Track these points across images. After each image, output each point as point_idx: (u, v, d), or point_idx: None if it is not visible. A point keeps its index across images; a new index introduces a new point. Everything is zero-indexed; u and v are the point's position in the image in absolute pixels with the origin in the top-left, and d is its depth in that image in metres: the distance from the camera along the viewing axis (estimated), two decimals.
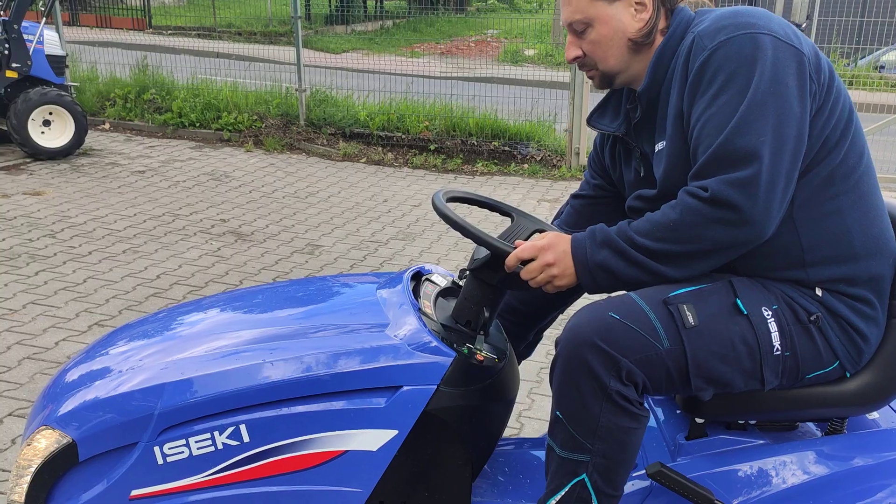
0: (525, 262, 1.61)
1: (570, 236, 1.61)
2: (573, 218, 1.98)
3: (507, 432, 2.94)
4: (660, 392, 1.57)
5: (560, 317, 2.12)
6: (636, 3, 1.62)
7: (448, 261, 4.90)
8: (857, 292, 1.58)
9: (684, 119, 1.56)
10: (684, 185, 1.56)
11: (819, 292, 1.58)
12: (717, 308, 1.53)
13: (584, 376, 1.49)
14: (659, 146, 1.66)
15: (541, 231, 1.82)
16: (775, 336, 1.53)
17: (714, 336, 1.51)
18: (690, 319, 1.50)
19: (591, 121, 1.83)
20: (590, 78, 1.74)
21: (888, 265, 1.60)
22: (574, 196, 2.01)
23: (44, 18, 7.29)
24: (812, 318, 1.55)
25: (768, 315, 1.54)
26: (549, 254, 1.58)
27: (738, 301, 1.53)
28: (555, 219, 2.09)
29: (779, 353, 1.54)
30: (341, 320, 1.75)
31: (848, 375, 1.62)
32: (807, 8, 6.81)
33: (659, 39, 1.65)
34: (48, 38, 7.08)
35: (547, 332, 2.15)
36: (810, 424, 1.80)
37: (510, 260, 1.61)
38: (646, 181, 1.73)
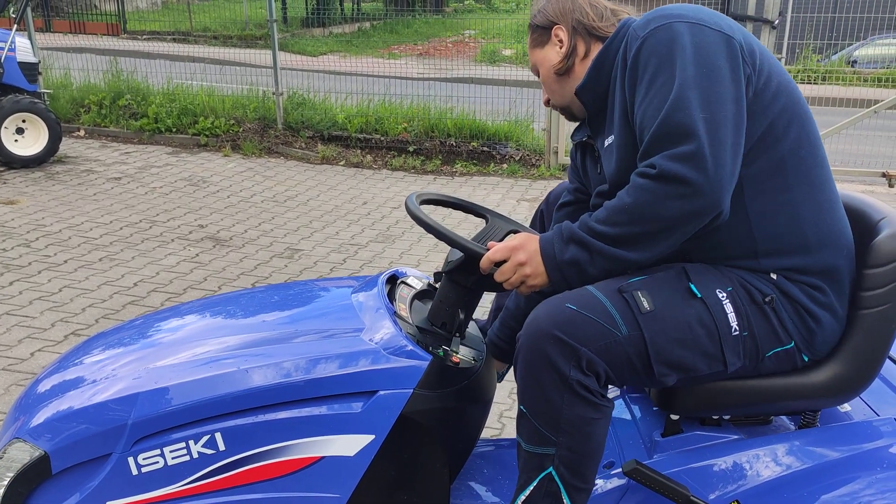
0: (499, 264, 1.62)
1: (539, 235, 1.62)
2: None
3: (488, 433, 2.94)
4: (623, 382, 1.57)
5: None
6: (558, 41, 1.80)
7: (428, 262, 4.89)
8: (810, 280, 1.61)
9: (629, 110, 1.60)
10: (632, 168, 1.59)
11: (773, 276, 1.61)
12: (672, 293, 1.55)
13: (544, 368, 1.50)
14: (608, 141, 1.71)
15: (515, 232, 1.83)
16: (732, 317, 1.55)
17: (671, 320, 1.52)
18: (646, 305, 1.51)
19: (572, 136, 1.95)
20: (561, 114, 1.93)
21: (842, 256, 1.63)
22: (558, 208, 2.05)
23: (15, 25, 7.19)
24: (767, 300, 1.58)
25: (723, 297, 1.56)
26: (520, 254, 1.59)
27: (692, 285, 1.55)
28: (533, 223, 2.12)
29: (737, 333, 1.56)
30: (316, 325, 1.75)
31: (805, 359, 1.64)
32: (779, 5, 6.89)
33: (586, 63, 1.78)
34: (20, 46, 6.99)
35: None
36: (784, 418, 1.82)
37: (484, 262, 1.61)
38: (603, 177, 1.78)
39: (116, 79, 8.75)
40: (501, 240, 1.77)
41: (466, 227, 5.37)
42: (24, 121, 6.76)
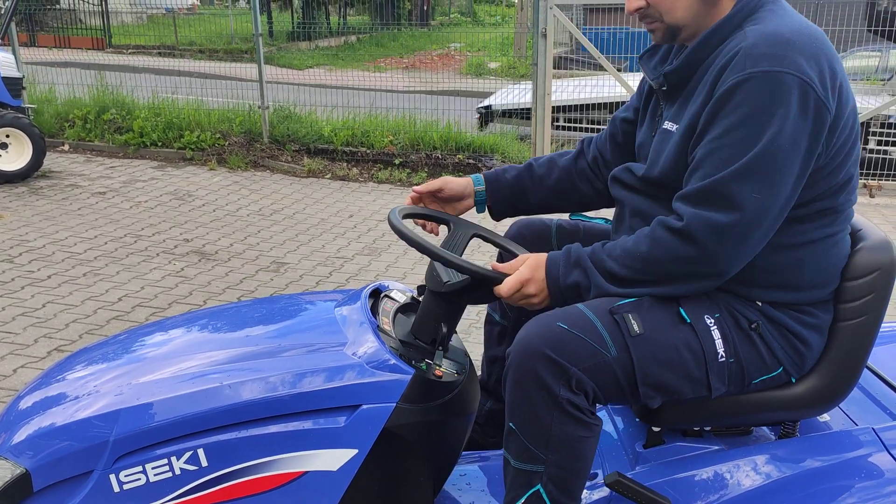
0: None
1: (543, 269, 1.61)
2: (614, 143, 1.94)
3: None
4: (609, 400, 1.58)
5: None
6: None
7: (414, 275, 4.90)
8: (798, 307, 1.62)
9: (698, 126, 1.54)
10: (670, 176, 1.59)
11: (759, 303, 1.61)
12: (661, 317, 1.56)
13: (534, 386, 1.51)
14: (668, 125, 1.64)
15: (478, 236, 1.86)
16: (719, 343, 1.56)
17: (659, 344, 1.53)
18: (636, 328, 1.52)
19: (642, 59, 1.78)
20: (650, 31, 1.65)
21: (830, 293, 1.64)
22: (623, 120, 1.93)
23: None
24: (753, 326, 1.59)
25: (711, 323, 1.57)
26: (531, 286, 1.61)
27: (681, 310, 1.56)
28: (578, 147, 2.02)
29: (723, 359, 1.57)
30: (299, 340, 1.75)
31: (793, 381, 1.65)
32: None
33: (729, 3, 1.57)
34: (4, 61, 6.97)
35: None
36: (764, 428, 1.83)
37: (505, 292, 1.61)
38: (647, 146, 1.72)
39: (101, 93, 8.72)
40: (466, 243, 1.82)
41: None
42: (7, 136, 6.73)
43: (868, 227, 1.70)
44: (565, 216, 2.07)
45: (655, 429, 1.75)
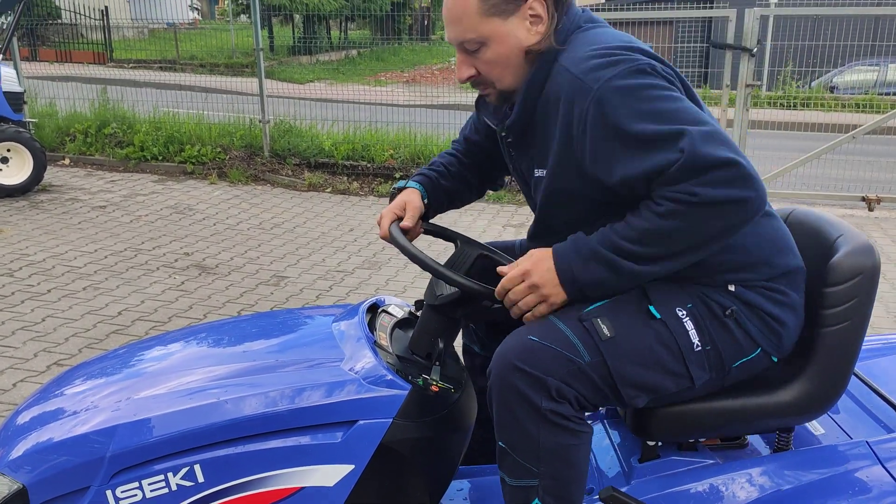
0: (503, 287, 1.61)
1: (549, 260, 1.55)
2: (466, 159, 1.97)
3: None
4: (597, 405, 1.58)
5: None
6: (531, 15, 1.56)
7: (414, 289, 4.91)
8: (769, 284, 1.61)
9: (586, 157, 1.52)
10: (560, 214, 1.62)
11: (732, 287, 1.59)
12: (631, 317, 1.54)
13: (516, 401, 1.51)
14: (538, 173, 1.65)
15: (486, 257, 1.83)
16: (693, 333, 1.55)
17: (631, 345, 1.52)
18: (606, 332, 1.51)
19: (479, 105, 1.80)
20: (484, 95, 1.69)
21: (794, 258, 1.64)
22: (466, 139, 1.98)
23: (0, 55, 7.23)
24: (727, 313, 1.58)
25: (683, 314, 1.56)
26: (534, 276, 1.55)
27: (651, 308, 1.55)
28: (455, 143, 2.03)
29: (699, 348, 1.56)
30: (296, 356, 1.76)
31: (775, 360, 1.64)
32: (757, 33, 7.01)
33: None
34: (6, 75, 7.02)
35: None
36: (759, 442, 1.84)
37: (500, 294, 1.59)
38: (525, 185, 1.77)
39: (102, 107, 8.77)
40: (472, 265, 1.79)
41: (436, 248, 5.39)
42: (8, 150, 6.76)
43: (849, 231, 1.69)
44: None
45: (650, 443, 1.75)
